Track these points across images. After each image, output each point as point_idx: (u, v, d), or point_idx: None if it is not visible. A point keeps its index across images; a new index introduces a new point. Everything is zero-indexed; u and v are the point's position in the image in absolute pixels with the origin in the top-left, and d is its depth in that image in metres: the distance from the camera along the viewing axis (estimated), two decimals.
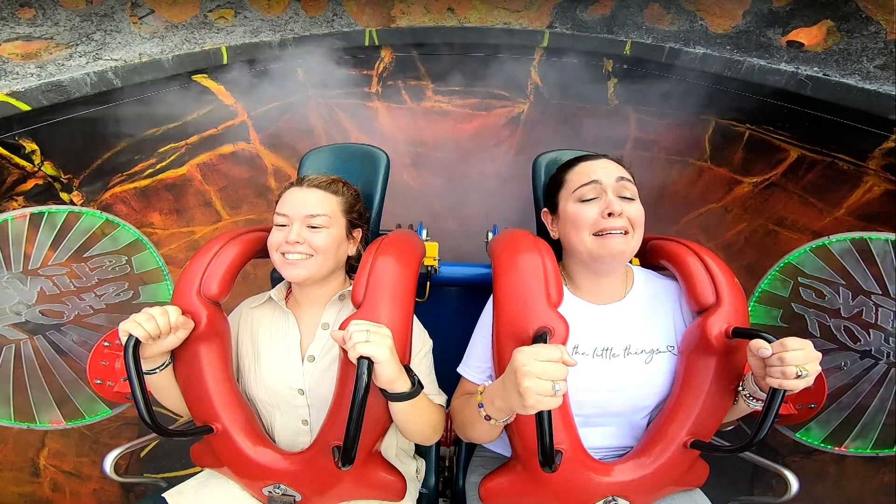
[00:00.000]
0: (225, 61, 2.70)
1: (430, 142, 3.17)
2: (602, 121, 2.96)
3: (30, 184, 2.07)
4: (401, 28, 3.02)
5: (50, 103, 2.14)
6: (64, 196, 2.17)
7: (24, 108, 2.08)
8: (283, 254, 0.94)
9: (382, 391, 0.81)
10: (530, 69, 3.06)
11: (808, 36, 2.44)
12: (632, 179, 0.92)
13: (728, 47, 2.59)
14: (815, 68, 2.27)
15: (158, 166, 2.53)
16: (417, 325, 0.99)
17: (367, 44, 3.00)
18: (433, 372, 1.00)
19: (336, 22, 3.02)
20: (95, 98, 2.27)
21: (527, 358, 0.67)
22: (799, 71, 2.27)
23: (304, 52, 2.89)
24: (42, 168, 2.11)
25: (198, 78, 2.64)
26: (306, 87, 2.97)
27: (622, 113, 2.94)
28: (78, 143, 2.23)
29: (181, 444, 0.96)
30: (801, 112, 2.25)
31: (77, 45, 2.43)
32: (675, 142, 2.72)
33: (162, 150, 2.54)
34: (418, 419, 0.87)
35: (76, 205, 2.11)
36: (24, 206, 1.05)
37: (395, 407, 0.84)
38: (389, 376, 0.78)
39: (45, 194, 2.12)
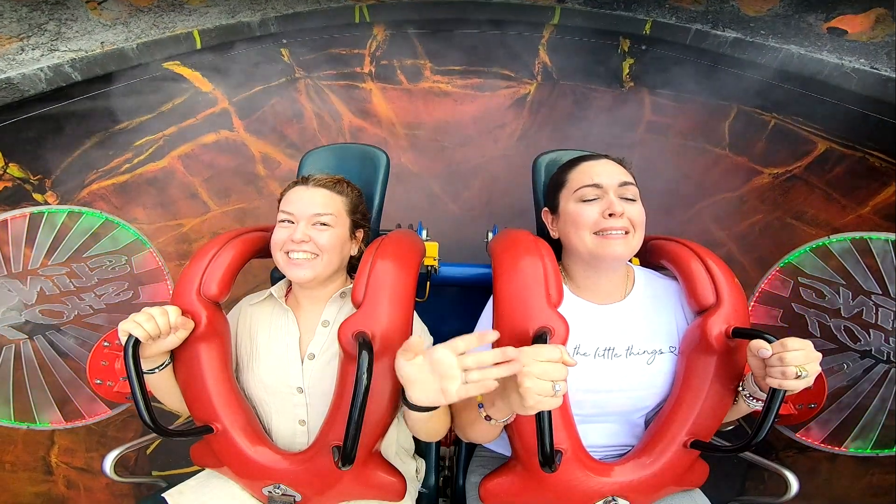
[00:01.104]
0: (199, 46, 2.66)
1: (429, 124, 3.17)
2: (614, 104, 2.97)
3: None
4: (394, 3, 3.03)
5: (2, 104, 2.10)
6: (38, 197, 2.21)
7: None
8: (288, 253, 1.02)
9: (404, 400, 0.84)
10: (538, 47, 3.05)
11: (852, 24, 2.39)
12: (634, 182, 1.01)
13: (763, 32, 2.55)
14: (862, 60, 2.21)
15: (136, 160, 2.56)
16: (418, 323, 1.08)
17: (356, 21, 3.00)
18: None
19: None
20: (55, 94, 2.23)
21: (527, 358, 0.73)
22: (844, 62, 2.21)
23: (287, 32, 2.90)
24: (8, 171, 2.13)
25: (169, 65, 2.63)
26: (292, 69, 2.99)
27: (637, 96, 2.93)
28: (43, 143, 2.23)
29: (186, 441, 1.04)
30: (838, 105, 2.23)
31: (28, 37, 2.35)
32: (692, 127, 2.73)
33: (138, 143, 2.56)
34: (434, 424, 0.94)
35: (51, 205, 2.19)
36: None
37: (414, 415, 0.86)
38: None
39: (17, 196, 2.15)
